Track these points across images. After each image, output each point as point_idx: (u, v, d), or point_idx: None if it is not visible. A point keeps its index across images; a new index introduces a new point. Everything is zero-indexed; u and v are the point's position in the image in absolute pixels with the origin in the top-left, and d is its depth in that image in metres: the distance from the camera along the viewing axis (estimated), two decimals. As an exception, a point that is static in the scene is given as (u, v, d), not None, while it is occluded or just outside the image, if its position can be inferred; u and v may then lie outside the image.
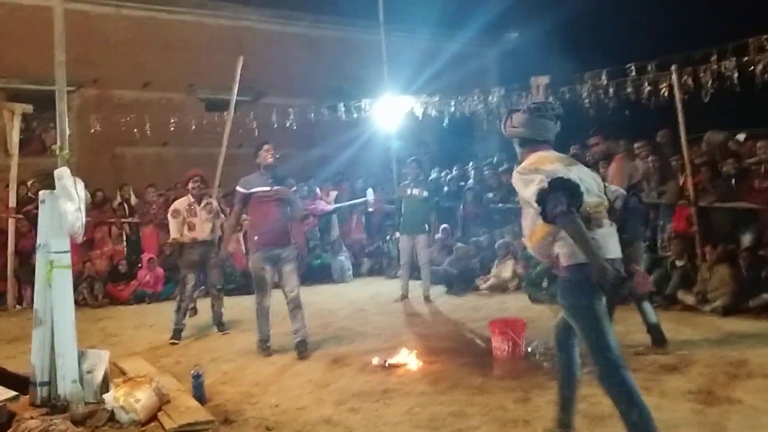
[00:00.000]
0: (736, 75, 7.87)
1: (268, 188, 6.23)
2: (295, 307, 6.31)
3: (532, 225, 3.48)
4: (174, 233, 7.40)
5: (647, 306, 5.89)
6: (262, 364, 6.03)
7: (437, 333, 7.11)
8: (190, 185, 7.45)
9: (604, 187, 3.56)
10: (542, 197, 3.18)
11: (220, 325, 7.50)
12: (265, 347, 6.37)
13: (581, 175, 3.42)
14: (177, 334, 7.14)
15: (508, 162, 11.27)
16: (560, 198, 3.13)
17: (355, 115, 12.20)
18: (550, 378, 5.05)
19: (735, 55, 7.87)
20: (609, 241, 3.37)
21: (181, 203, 7.45)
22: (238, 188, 6.41)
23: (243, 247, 10.23)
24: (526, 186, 3.30)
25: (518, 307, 8.27)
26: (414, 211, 8.94)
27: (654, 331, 5.87)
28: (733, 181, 8.07)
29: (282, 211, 6.30)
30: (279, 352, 6.37)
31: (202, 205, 7.40)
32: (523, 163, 3.46)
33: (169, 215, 7.52)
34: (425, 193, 8.99)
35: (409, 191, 9.01)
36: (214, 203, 7.65)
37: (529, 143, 3.54)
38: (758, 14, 10.60)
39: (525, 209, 3.52)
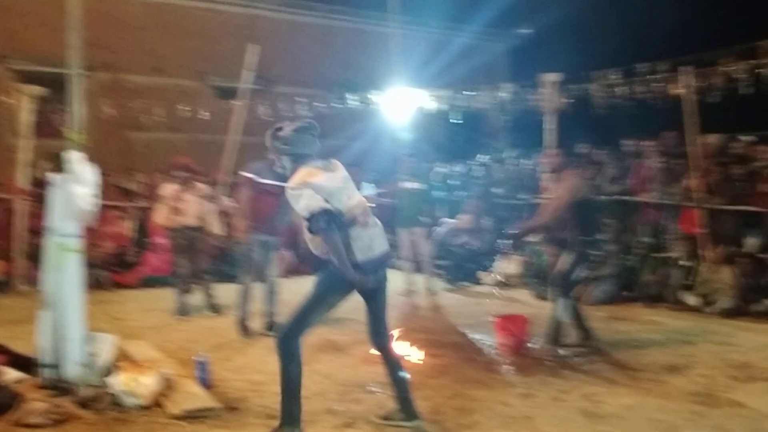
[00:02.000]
0: (745, 77, 7.87)
1: (277, 184, 6.38)
2: (273, 291, 6.72)
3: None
4: (159, 218, 7.46)
5: (561, 302, 5.88)
6: (267, 351, 6.02)
7: (440, 327, 7.14)
8: (174, 173, 7.49)
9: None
10: (308, 218, 3.76)
11: (212, 307, 7.66)
12: (243, 327, 6.60)
13: (341, 180, 3.95)
14: (180, 312, 7.46)
15: (517, 157, 11.30)
16: (321, 219, 3.72)
17: (363, 106, 12.18)
18: (553, 374, 5.10)
19: (745, 58, 7.85)
20: (373, 241, 3.93)
21: (166, 189, 7.46)
22: (247, 174, 6.45)
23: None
24: (296, 201, 3.81)
25: (522, 303, 8.32)
26: (410, 204, 8.83)
27: (555, 328, 5.92)
28: (741, 183, 8.05)
29: (281, 204, 6.42)
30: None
31: (190, 189, 7.41)
32: (294, 179, 3.91)
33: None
34: (420, 185, 8.87)
35: (404, 185, 8.94)
36: (201, 186, 7.59)
37: (299, 158, 4.01)
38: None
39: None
